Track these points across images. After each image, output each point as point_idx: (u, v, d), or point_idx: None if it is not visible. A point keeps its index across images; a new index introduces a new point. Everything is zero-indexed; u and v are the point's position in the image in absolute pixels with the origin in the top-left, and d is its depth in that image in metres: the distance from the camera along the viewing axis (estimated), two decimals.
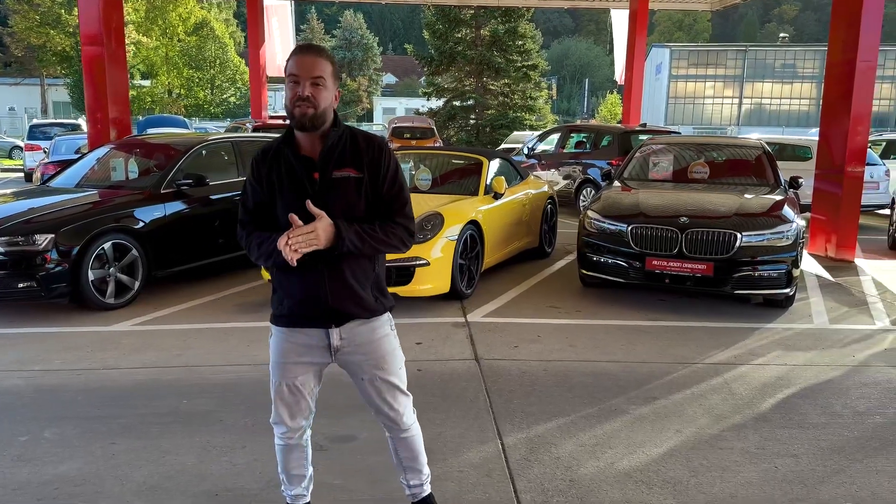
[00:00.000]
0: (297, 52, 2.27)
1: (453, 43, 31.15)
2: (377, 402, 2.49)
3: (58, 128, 20.22)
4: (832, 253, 8.61)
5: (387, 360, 2.44)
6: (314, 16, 75.17)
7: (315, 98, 2.22)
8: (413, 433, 2.60)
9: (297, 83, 2.23)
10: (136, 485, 3.12)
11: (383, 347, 2.44)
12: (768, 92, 58.94)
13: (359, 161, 2.32)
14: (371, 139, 2.37)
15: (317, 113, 2.24)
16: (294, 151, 2.33)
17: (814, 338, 5.45)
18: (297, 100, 2.22)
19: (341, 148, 2.32)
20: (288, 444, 2.54)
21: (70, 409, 3.93)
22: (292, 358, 2.40)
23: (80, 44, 9.77)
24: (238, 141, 7.79)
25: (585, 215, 6.60)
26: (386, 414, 2.52)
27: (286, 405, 2.46)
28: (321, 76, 2.23)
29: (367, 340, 2.40)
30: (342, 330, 2.37)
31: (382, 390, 2.46)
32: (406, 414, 2.54)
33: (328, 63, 2.26)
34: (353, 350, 2.40)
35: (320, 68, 2.24)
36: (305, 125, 2.25)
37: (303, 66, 2.23)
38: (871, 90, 8.52)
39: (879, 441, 3.67)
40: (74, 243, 5.62)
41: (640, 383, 4.41)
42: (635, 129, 12.79)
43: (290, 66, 2.26)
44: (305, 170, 2.30)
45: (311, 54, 2.25)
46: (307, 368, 2.42)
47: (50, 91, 47.50)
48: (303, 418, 2.50)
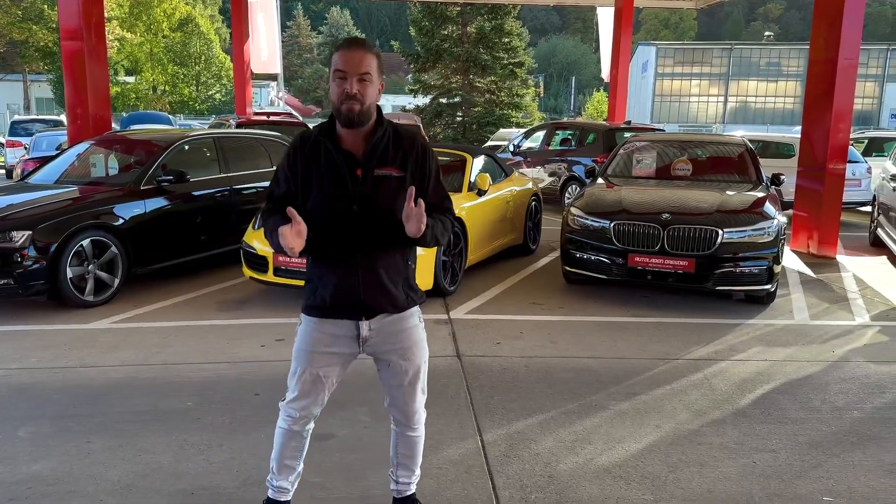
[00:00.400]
0: (344, 46, 2.24)
1: (440, 40, 31.07)
2: (395, 392, 2.51)
3: (39, 124, 19.98)
4: (814, 249, 8.67)
5: (413, 350, 2.47)
6: (300, 12, 74.86)
7: (362, 94, 2.21)
8: (419, 434, 2.62)
9: (344, 79, 2.21)
10: (111, 484, 3.08)
11: (411, 338, 2.46)
12: (753, 90, 59.41)
13: (403, 161, 2.32)
14: (414, 140, 2.36)
15: (363, 109, 2.23)
16: (335, 145, 2.30)
17: (794, 333, 5.48)
18: (344, 97, 2.20)
19: (384, 145, 2.31)
20: (291, 430, 2.52)
21: (45, 408, 3.88)
22: (321, 347, 2.40)
23: (60, 38, 9.64)
24: (220, 137, 7.72)
25: (569, 212, 6.60)
26: (400, 407, 2.53)
27: (305, 393, 2.45)
28: (368, 72, 2.22)
29: (396, 330, 2.42)
30: (371, 322, 2.38)
31: (405, 380, 2.48)
32: (419, 411, 2.57)
33: (374, 58, 2.25)
34: (382, 340, 2.42)
35: (367, 64, 2.22)
36: (353, 122, 2.24)
37: (350, 62, 2.20)
38: (852, 88, 8.57)
39: (857, 436, 3.69)
40: (52, 240, 5.55)
41: (620, 379, 4.42)
42: (620, 127, 12.82)
43: (336, 61, 2.23)
44: (348, 165, 2.28)
45: (358, 49, 2.22)
46: (334, 359, 2.43)
47: (33, 87, 46.95)
48: (316, 407, 2.49)
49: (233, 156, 7.49)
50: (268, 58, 22.90)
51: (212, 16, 52.19)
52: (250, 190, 7.37)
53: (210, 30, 44.99)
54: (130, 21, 38.23)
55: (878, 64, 55.64)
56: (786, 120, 53.82)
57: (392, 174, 2.30)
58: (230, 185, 7.24)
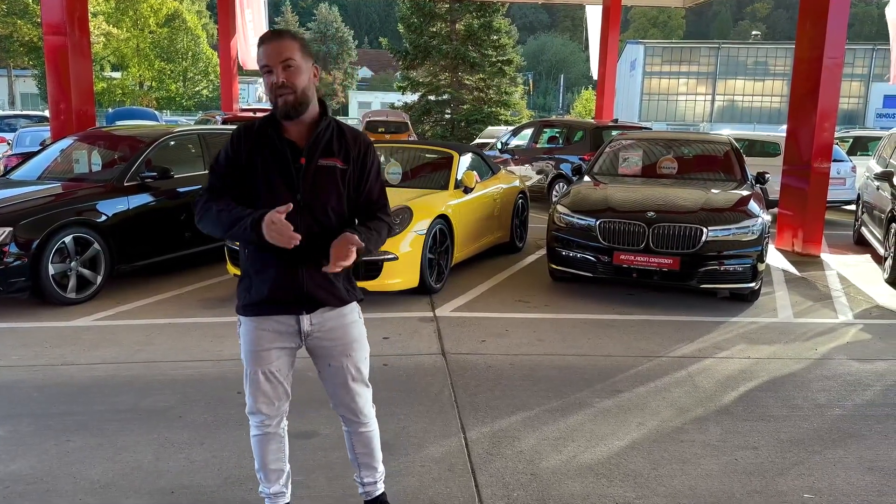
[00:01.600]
0: (262, 41, 2.24)
1: (428, 37, 31.06)
2: (340, 390, 2.48)
3: (24, 119, 19.78)
4: (798, 248, 8.72)
5: (354, 346, 2.45)
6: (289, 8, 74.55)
7: (290, 81, 2.20)
8: (371, 428, 2.58)
9: (270, 72, 2.21)
10: (90, 482, 3.05)
11: (351, 333, 2.45)
12: (741, 89, 59.73)
13: (346, 154, 2.33)
14: (357, 135, 2.40)
15: (297, 97, 2.22)
16: (279, 134, 2.30)
17: (778, 331, 5.51)
18: (274, 88, 2.20)
19: (328, 137, 2.32)
20: (266, 434, 2.49)
21: (25, 406, 3.84)
22: (265, 345, 2.38)
23: (43, 33, 9.53)
24: (205, 133, 7.66)
25: (555, 210, 6.61)
26: (346, 405, 2.51)
27: (263, 393, 2.43)
28: (290, 58, 2.21)
29: (336, 325, 2.41)
30: (312, 316, 2.37)
31: (347, 377, 2.46)
32: (366, 406, 2.54)
33: (294, 42, 2.23)
34: (323, 335, 2.40)
35: (287, 50, 2.21)
36: (290, 112, 2.24)
37: (270, 54, 2.21)
38: (837, 87, 8.62)
39: (838, 433, 3.71)
40: (34, 237, 5.48)
41: (604, 377, 4.43)
42: (607, 125, 12.85)
43: (259, 57, 2.24)
44: (292, 154, 2.28)
45: (274, 40, 2.22)
46: (280, 353, 2.41)
47: (17, 82, 46.50)
48: (282, 403, 2.47)
49: None
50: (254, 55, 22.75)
51: (199, 11, 51.78)
52: None
53: (197, 25, 44.64)
54: (117, 16, 37.88)
55: (863, 63, 56.09)
56: (773, 119, 54.13)
57: (336, 165, 2.31)
58: None
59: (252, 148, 2.30)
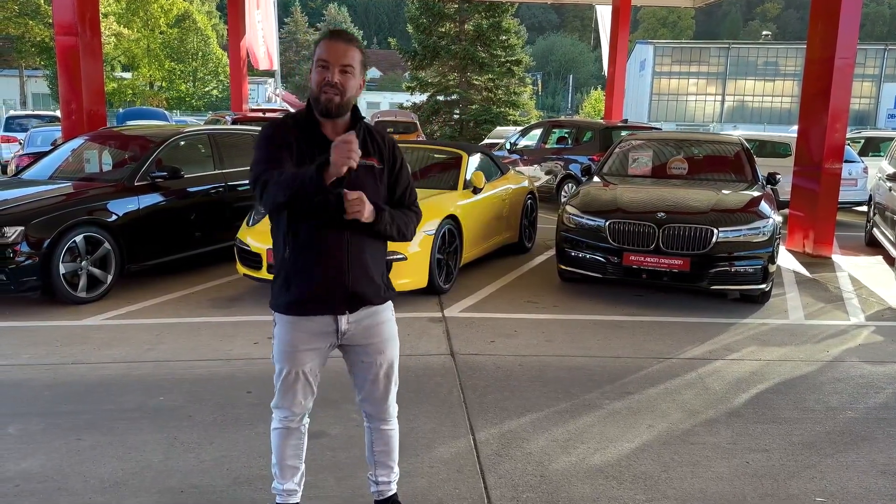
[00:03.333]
0: (329, 37, 2.24)
1: (437, 37, 31.06)
2: (369, 385, 2.50)
3: (35, 119, 19.88)
4: (810, 249, 8.67)
5: (388, 344, 2.48)
6: (298, 8, 74.71)
7: (343, 86, 2.21)
8: (393, 427, 2.60)
9: (325, 68, 2.21)
10: (100, 481, 3.06)
11: (386, 331, 2.47)
12: (751, 89, 59.46)
13: (379, 153, 2.36)
14: (385, 135, 2.44)
15: (342, 101, 2.23)
16: (318, 132, 2.30)
17: (789, 333, 5.47)
18: (324, 84, 2.20)
19: (363, 138, 2.33)
20: (288, 428, 2.51)
21: (35, 405, 3.86)
22: (300, 346, 2.39)
23: (55, 33, 9.59)
24: (215, 133, 7.69)
25: (564, 210, 6.59)
26: (374, 400, 2.52)
27: (293, 392, 2.45)
28: (350, 64, 2.22)
29: (371, 324, 2.44)
30: (351, 315, 2.38)
31: (379, 373, 2.47)
32: (392, 404, 2.56)
33: (358, 52, 2.25)
34: (358, 333, 2.42)
35: (351, 56, 2.22)
36: (331, 111, 2.24)
37: (333, 52, 2.20)
38: (848, 87, 8.57)
39: (851, 436, 3.68)
40: (45, 236, 5.51)
41: (614, 378, 4.41)
42: (617, 125, 12.81)
43: (320, 50, 2.23)
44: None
45: (342, 41, 2.22)
46: (315, 354, 2.42)
47: (29, 83, 46.77)
48: (308, 400, 2.50)
49: (228, 152, 7.45)
50: (265, 54, 22.85)
51: (209, 12, 52.02)
52: (245, 187, 7.33)
53: (207, 26, 44.82)
54: (127, 17, 38.03)
55: (875, 64, 55.74)
56: (783, 119, 53.84)
57: (374, 165, 2.33)
58: (225, 182, 7.21)
59: (295, 140, 2.28)
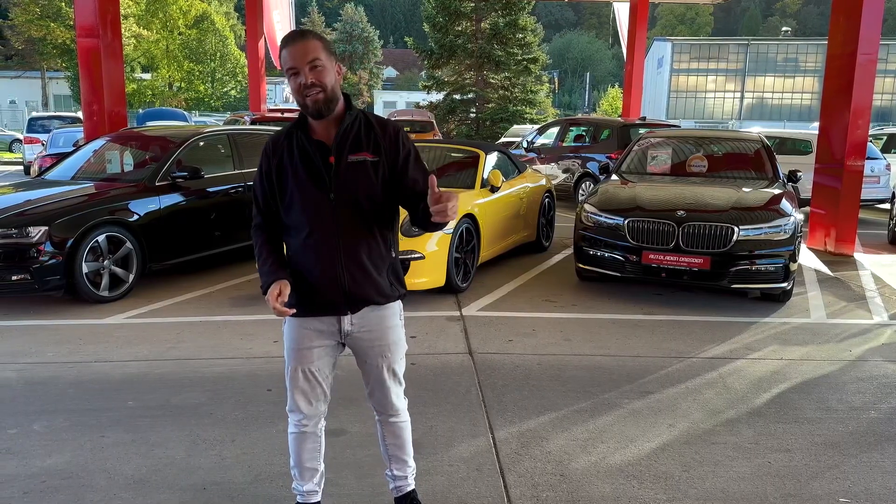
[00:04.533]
0: (285, 43, 2.24)
1: (453, 36, 31.01)
2: (374, 385, 2.52)
3: (57, 121, 20.15)
4: (831, 247, 8.57)
5: (391, 348, 2.48)
6: (315, 9, 75.02)
7: (320, 81, 2.20)
8: (402, 419, 2.60)
9: (297, 74, 2.21)
10: (124, 478, 3.10)
11: (390, 336, 2.47)
12: (770, 86, 58.83)
13: (375, 145, 2.31)
14: (386, 124, 2.37)
15: (327, 94, 2.22)
16: (307, 136, 2.31)
17: (811, 332, 5.42)
18: (303, 90, 2.20)
19: (356, 131, 2.31)
20: (303, 433, 2.52)
21: (60, 402, 3.91)
22: (307, 343, 2.41)
23: (76, 35, 9.70)
24: (234, 133, 7.74)
25: (582, 209, 6.56)
26: (378, 399, 2.55)
27: (302, 392, 2.46)
28: (317, 58, 2.21)
29: (376, 326, 2.43)
30: (354, 316, 2.39)
31: (383, 376, 2.49)
32: (397, 401, 2.57)
33: (318, 42, 2.23)
34: (363, 334, 2.43)
35: (313, 51, 2.21)
36: (321, 110, 2.24)
37: (296, 56, 2.20)
38: (871, 83, 8.46)
39: (874, 436, 3.64)
40: (68, 236, 5.59)
41: (634, 377, 4.39)
42: (635, 123, 12.74)
43: (283, 60, 2.23)
44: (321, 154, 2.29)
45: (299, 41, 2.22)
46: (322, 352, 2.43)
47: (51, 84, 47.39)
48: (320, 403, 2.50)
49: (247, 152, 7.51)
50: None
51: (227, 13, 52.33)
52: None
53: (225, 27, 45.16)
54: (147, 18, 38.43)
55: None
56: (803, 116, 53.24)
57: (366, 159, 2.30)
58: (244, 182, 7.26)
59: (280, 157, 2.33)
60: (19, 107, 44.74)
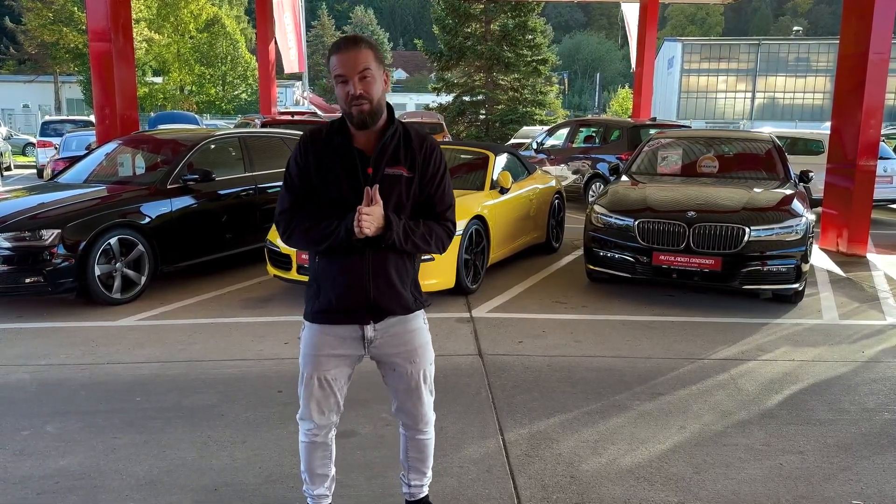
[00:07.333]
0: (336, 49, 2.20)
1: (463, 38, 31.05)
2: (403, 395, 2.48)
3: (70, 124, 20.30)
4: (843, 248, 8.51)
5: (418, 352, 2.44)
6: (325, 11, 75.26)
7: (368, 92, 2.18)
8: (429, 436, 2.58)
9: (345, 82, 2.17)
10: (136, 479, 3.12)
11: (416, 340, 2.43)
12: (781, 86, 58.45)
13: (411, 160, 2.30)
14: (423, 138, 2.34)
15: (373, 106, 2.20)
16: (348, 142, 2.29)
17: (823, 333, 5.38)
18: (350, 99, 2.17)
19: (395, 144, 2.29)
20: (314, 442, 2.50)
21: (73, 404, 3.95)
22: (326, 350, 2.38)
23: (88, 40, 9.78)
24: (245, 136, 7.78)
25: (592, 210, 6.55)
26: (408, 410, 2.50)
27: (315, 400, 2.42)
28: (367, 67, 2.17)
29: (400, 331, 2.40)
30: (377, 325, 2.36)
31: (411, 383, 2.45)
32: (428, 413, 2.53)
33: (370, 51, 2.20)
34: (387, 342, 2.39)
35: (364, 60, 2.17)
36: (366, 122, 2.21)
37: (346, 64, 2.17)
38: (883, 83, 8.40)
39: (888, 438, 3.61)
40: (81, 238, 5.63)
41: (644, 379, 4.38)
42: (645, 124, 12.70)
43: (333, 65, 2.19)
44: (361, 163, 2.26)
45: (351, 49, 2.18)
46: (340, 361, 2.40)
47: (63, 88, 47.79)
48: (332, 414, 2.46)
49: (258, 155, 7.55)
50: (296, 57, 23.08)
51: (238, 16, 52.62)
52: (275, 189, 7.42)
53: (236, 30, 45.34)
54: (158, 22, 38.67)
55: None
56: (815, 116, 52.85)
57: (402, 174, 2.28)
58: (255, 184, 7.29)
59: (321, 157, 2.29)
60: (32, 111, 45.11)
